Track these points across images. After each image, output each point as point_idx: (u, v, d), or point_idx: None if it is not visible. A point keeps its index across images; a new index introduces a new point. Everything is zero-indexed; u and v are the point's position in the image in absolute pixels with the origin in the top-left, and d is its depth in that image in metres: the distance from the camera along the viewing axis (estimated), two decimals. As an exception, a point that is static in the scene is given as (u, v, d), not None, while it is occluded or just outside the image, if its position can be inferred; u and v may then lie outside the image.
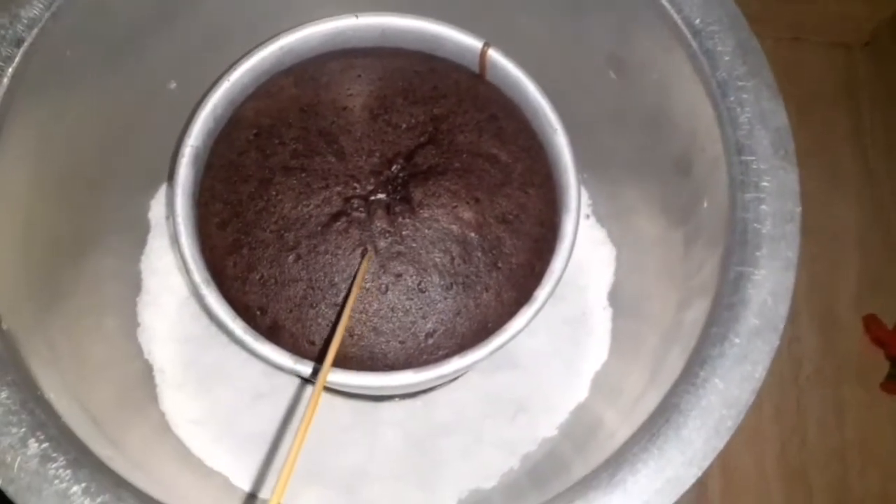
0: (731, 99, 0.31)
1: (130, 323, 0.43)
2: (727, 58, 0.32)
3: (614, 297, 0.44)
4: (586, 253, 0.46)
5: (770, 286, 0.28)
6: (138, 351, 0.42)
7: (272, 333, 0.33)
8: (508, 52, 0.37)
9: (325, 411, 0.41)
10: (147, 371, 0.42)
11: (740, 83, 0.31)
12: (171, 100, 0.41)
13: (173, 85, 0.42)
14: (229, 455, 0.41)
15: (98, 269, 0.41)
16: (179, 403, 0.42)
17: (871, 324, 0.60)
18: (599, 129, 0.42)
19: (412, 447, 0.41)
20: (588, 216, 0.46)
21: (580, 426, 0.41)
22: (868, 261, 0.62)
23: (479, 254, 0.34)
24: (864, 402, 0.59)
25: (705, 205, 0.33)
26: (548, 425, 0.42)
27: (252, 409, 0.42)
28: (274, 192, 0.33)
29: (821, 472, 0.57)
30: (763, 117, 0.31)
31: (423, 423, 0.41)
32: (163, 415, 0.41)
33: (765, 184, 0.30)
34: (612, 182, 0.45)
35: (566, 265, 0.34)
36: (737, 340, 0.28)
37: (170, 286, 0.43)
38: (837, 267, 0.63)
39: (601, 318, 0.44)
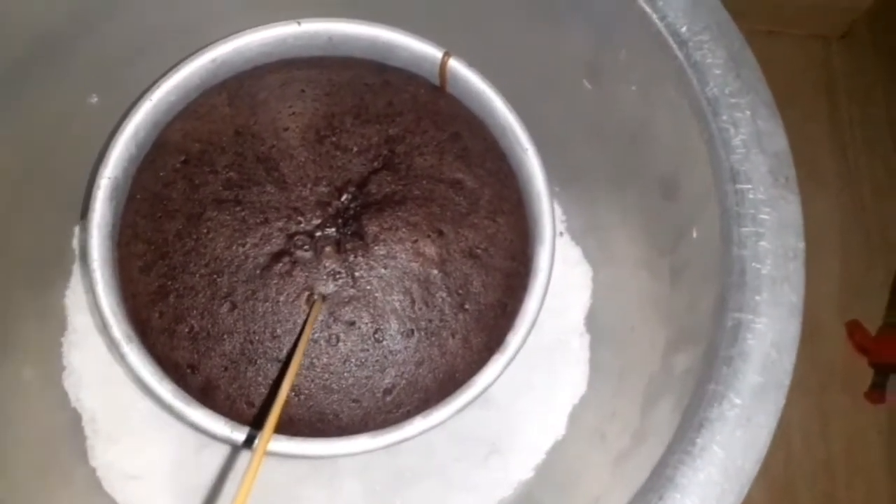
0: (724, 118, 0.28)
1: (54, 367, 0.38)
2: (718, 71, 0.28)
3: (592, 321, 0.41)
4: (560, 273, 0.42)
5: (773, 336, 0.25)
6: (64, 399, 0.38)
7: (205, 395, 0.28)
8: (472, 62, 0.33)
9: (275, 462, 0.37)
10: (75, 422, 0.38)
11: (733, 100, 0.28)
12: (93, 115, 0.37)
13: (95, 99, 0.37)
14: (170, 513, 0.37)
15: (13, 306, 0.36)
16: (113, 457, 0.37)
17: (854, 330, 0.58)
18: (573, 141, 0.38)
19: (375, 499, 0.37)
20: (562, 233, 0.42)
21: (559, 468, 0.38)
22: (849, 264, 0.60)
23: (444, 294, 0.30)
24: (849, 412, 0.57)
25: (695, 235, 0.30)
26: (523, 467, 0.38)
27: (196, 459, 0.38)
28: (204, 230, 0.29)
29: (807, 487, 0.55)
30: (760, 140, 0.27)
31: (386, 472, 0.37)
32: (93, 471, 0.37)
33: (763, 216, 0.26)
34: (587, 196, 0.41)
35: (541, 304, 0.30)
36: (737, 401, 0.24)
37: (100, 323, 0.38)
38: (818, 271, 0.60)
39: (578, 346, 0.41)
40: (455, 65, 0.32)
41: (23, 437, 0.35)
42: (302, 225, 0.29)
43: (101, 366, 0.39)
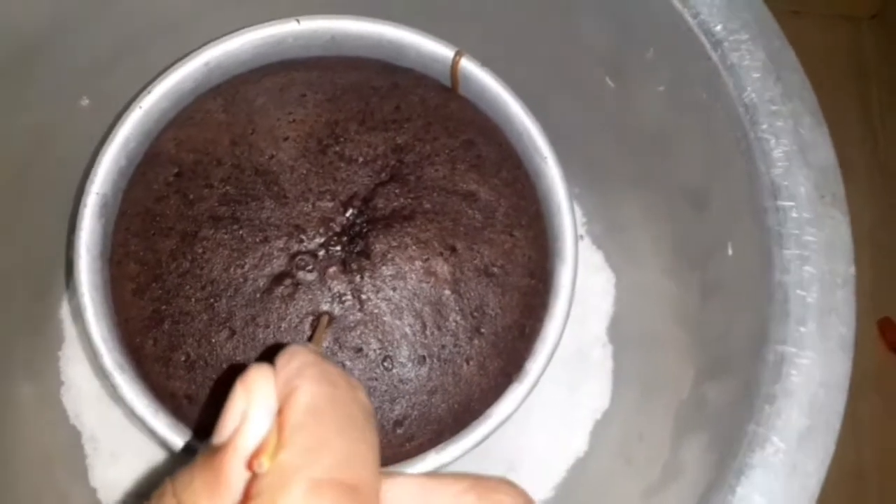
0: (763, 127, 0.25)
1: (52, 382, 0.36)
2: (756, 75, 0.26)
3: (615, 331, 0.39)
4: (581, 278, 0.39)
5: (821, 374, 0.23)
6: (62, 416, 0.36)
7: (205, 428, 0.27)
8: (485, 60, 0.30)
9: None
10: (74, 439, 0.36)
11: (774, 107, 0.25)
12: (85, 118, 0.34)
13: (86, 101, 0.35)
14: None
15: (6, 318, 0.34)
16: (114, 477, 0.36)
17: (886, 328, 0.55)
18: (595, 140, 0.36)
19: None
20: (582, 237, 0.40)
21: (581, 488, 0.36)
22: (881, 260, 0.57)
23: (458, 317, 0.27)
24: (882, 416, 0.54)
25: (730, 252, 0.27)
26: (542, 486, 0.37)
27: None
28: (200, 250, 0.27)
29: (837, 494, 0.53)
30: (804, 152, 0.25)
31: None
32: (94, 492, 0.35)
33: (809, 238, 0.24)
34: (610, 198, 0.38)
35: (563, 328, 0.28)
36: (782, 445, 0.22)
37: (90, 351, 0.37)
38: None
39: (601, 356, 0.39)
40: (467, 65, 0.30)
41: (19, 457, 0.34)
42: (304, 244, 0.27)
43: (102, 380, 0.37)
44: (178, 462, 0.27)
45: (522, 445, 0.37)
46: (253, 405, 0.17)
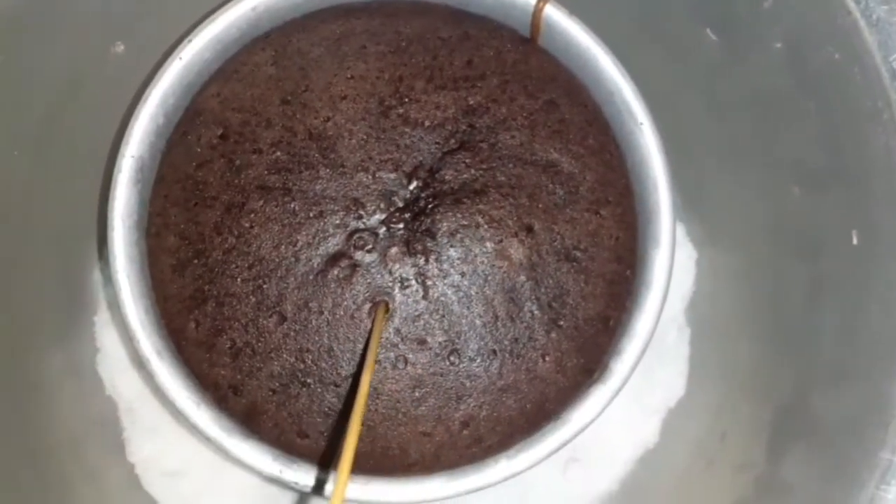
0: (916, 97, 0.21)
1: (87, 350, 0.34)
2: (910, 32, 0.21)
3: (694, 313, 0.35)
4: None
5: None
6: (98, 386, 0.34)
7: (250, 421, 0.24)
8: (573, 8, 0.26)
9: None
10: (111, 412, 0.34)
11: (930, 72, 0.21)
12: (118, 67, 0.31)
13: (120, 48, 0.31)
14: (216, 513, 0.34)
15: (38, 282, 0.32)
16: (153, 452, 0.34)
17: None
18: (685, 102, 0.32)
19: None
20: (659, 207, 0.36)
21: (650, 482, 0.33)
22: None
23: (533, 307, 0.24)
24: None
25: (855, 242, 0.23)
26: (607, 478, 0.34)
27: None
28: (247, 224, 0.24)
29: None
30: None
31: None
32: (132, 468, 0.34)
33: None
34: (696, 166, 0.34)
35: (656, 323, 0.25)
36: (924, 480, 0.19)
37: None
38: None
39: (676, 340, 0.35)
40: (552, 12, 0.26)
41: (53, 430, 0.32)
42: (363, 220, 0.24)
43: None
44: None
45: (587, 434, 0.34)
46: None
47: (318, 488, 0.23)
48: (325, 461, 0.24)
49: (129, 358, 0.35)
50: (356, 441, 0.20)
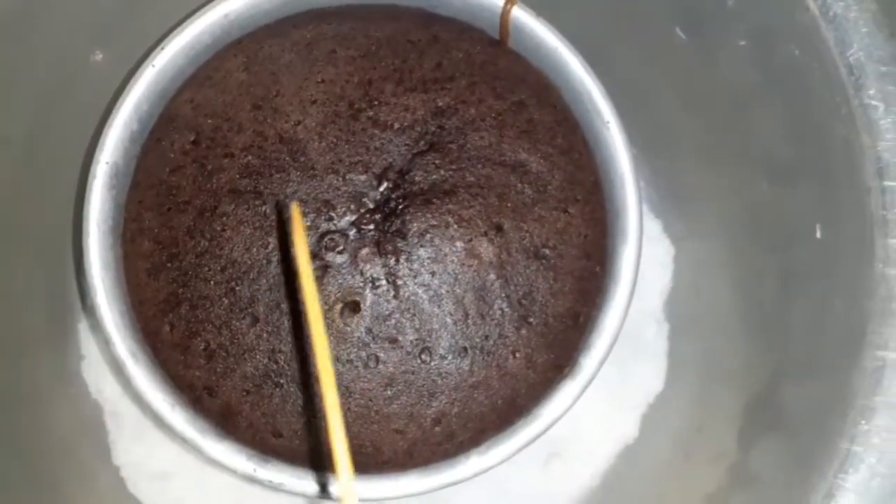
0: (870, 92, 0.22)
1: (72, 355, 0.35)
2: (865, 29, 0.22)
3: (672, 308, 0.35)
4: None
5: (933, 388, 0.19)
6: (83, 390, 0.35)
7: (225, 422, 0.24)
8: (537, 10, 0.27)
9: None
10: (96, 416, 0.34)
11: (884, 69, 0.22)
12: (97, 75, 0.32)
13: (99, 56, 0.32)
14: (202, 516, 0.34)
15: (22, 287, 0.32)
16: (139, 454, 0.34)
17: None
18: (658, 100, 0.32)
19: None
20: (637, 204, 0.37)
21: (631, 476, 0.33)
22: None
23: (503, 305, 0.25)
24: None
25: (818, 235, 0.24)
26: (588, 473, 0.34)
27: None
28: (219, 227, 0.24)
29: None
30: (921, 123, 0.21)
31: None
32: (117, 470, 0.34)
33: (924, 226, 0.20)
34: (672, 163, 0.35)
35: (624, 318, 0.25)
36: (882, 469, 0.19)
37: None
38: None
39: (655, 335, 0.35)
40: (520, 14, 0.26)
41: (39, 433, 0.32)
42: (334, 221, 0.24)
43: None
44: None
45: (567, 430, 0.35)
46: None
47: (295, 486, 0.24)
48: (299, 459, 0.24)
49: (109, 362, 0.35)
50: (343, 429, 0.19)
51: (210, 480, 0.34)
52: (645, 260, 0.36)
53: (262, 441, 0.24)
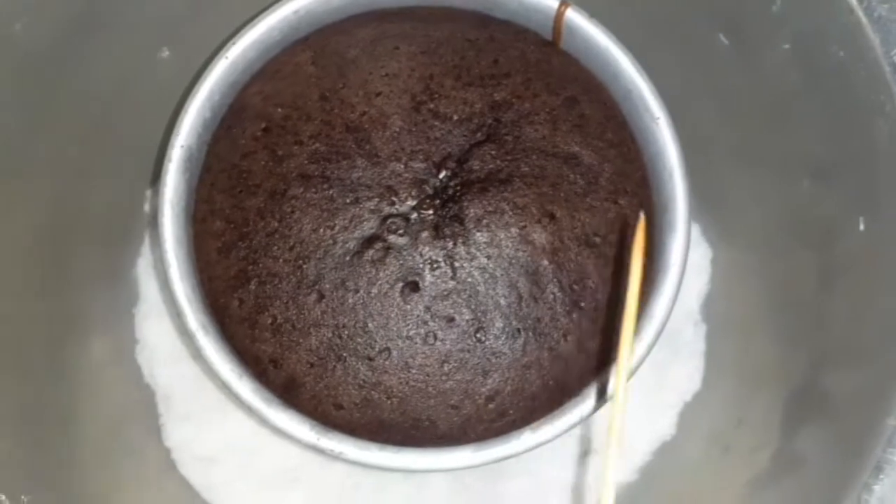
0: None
1: (126, 341, 0.36)
2: (911, 27, 0.23)
3: (709, 310, 0.36)
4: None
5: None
6: (136, 375, 0.36)
7: (289, 392, 0.26)
8: (594, 12, 0.28)
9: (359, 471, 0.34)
10: (148, 399, 0.36)
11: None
12: (164, 70, 0.33)
13: (166, 53, 0.33)
14: (248, 498, 0.35)
15: (81, 274, 0.34)
16: (188, 437, 0.35)
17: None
18: (698, 104, 0.33)
19: (461, 497, 0.34)
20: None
21: (669, 473, 0.34)
22: None
23: (555, 289, 0.26)
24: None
25: (861, 228, 0.25)
26: (625, 468, 0.35)
27: (277, 440, 0.36)
28: (289, 209, 0.26)
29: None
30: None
31: (474, 469, 0.34)
32: (167, 452, 0.35)
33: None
34: (710, 167, 0.36)
35: (672, 307, 0.26)
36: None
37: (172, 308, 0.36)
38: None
39: (692, 336, 0.36)
40: (573, 16, 0.28)
41: (92, 415, 0.33)
42: (396, 206, 0.26)
43: (176, 339, 0.37)
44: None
45: (605, 425, 0.36)
46: None
47: (356, 455, 0.25)
48: (358, 431, 0.25)
49: (167, 349, 0.36)
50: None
51: (258, 466, 0.35)
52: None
53: (324, 413, 0.25)
